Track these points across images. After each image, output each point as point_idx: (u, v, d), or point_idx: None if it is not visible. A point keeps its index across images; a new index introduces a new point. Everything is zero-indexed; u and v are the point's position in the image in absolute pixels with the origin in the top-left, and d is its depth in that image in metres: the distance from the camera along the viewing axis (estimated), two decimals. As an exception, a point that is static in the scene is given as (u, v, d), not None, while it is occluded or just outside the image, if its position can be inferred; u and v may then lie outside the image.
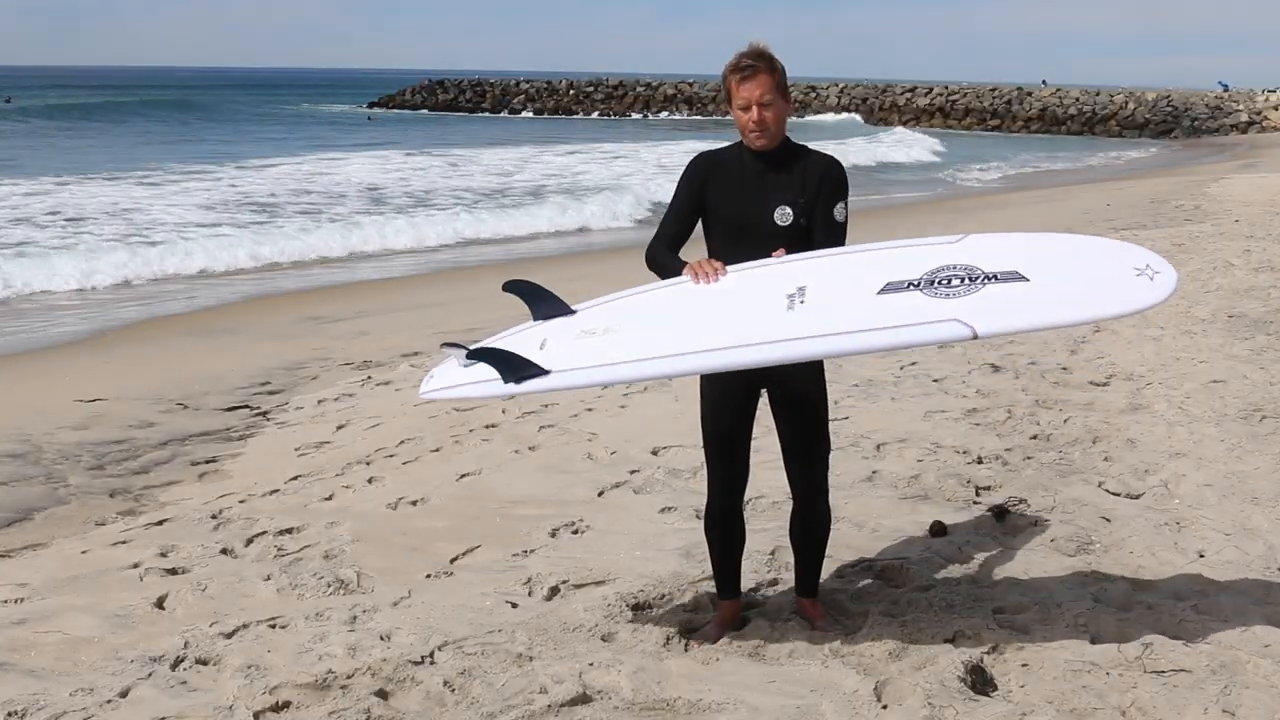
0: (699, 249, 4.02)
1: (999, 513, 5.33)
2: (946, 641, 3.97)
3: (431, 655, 3.98)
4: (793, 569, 4.32)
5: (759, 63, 3.83)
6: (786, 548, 4.44)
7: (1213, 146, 50.05)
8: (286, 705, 3.69)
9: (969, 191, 29.49)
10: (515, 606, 4.44)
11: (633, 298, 4.02)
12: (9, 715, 3.63)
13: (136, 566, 5.00)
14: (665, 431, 6.69)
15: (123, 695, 3.77)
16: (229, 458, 7.24)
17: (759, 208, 3.89)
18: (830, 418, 4.18)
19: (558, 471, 6.16)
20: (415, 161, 33.87)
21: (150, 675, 3.90)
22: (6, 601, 4.64)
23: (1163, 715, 3.51)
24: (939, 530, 5.10)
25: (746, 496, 4.44)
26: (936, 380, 7.82)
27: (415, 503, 5.76)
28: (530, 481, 6.01)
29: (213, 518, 5.69)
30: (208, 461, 7.15)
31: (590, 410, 7.37)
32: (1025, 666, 3.81)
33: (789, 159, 3.93)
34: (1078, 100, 67.14)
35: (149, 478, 6.84)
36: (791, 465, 4.11)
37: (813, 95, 77.21)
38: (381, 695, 3.75)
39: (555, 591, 4.59)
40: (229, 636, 4.20)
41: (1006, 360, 8.31)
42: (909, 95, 73.35)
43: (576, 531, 5.27)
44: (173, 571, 4.94)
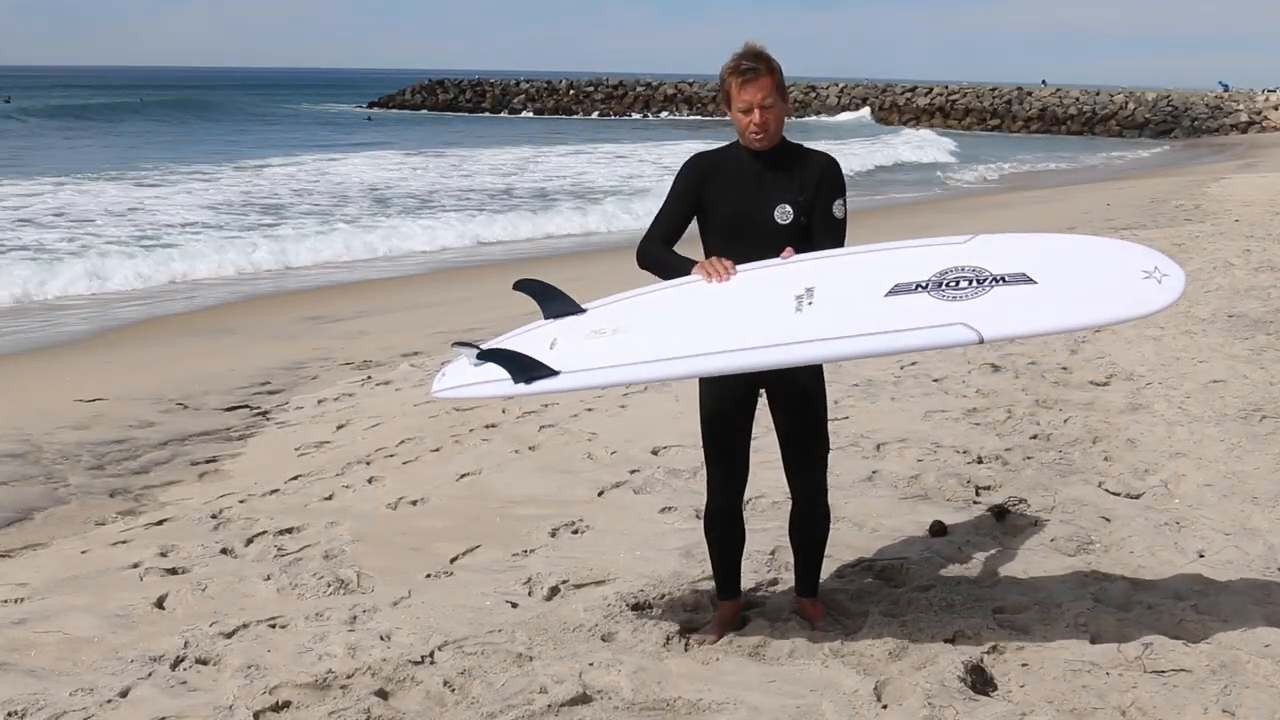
0: (693, 248, 4.01)
1: (999, 513, 5.33)
2: (946, 641, 3.97)
3: (431, 655, 3.98)
4: (792, 569, 4.32)
5: (759, 65, 3.83)
6: (786, 548, 4.44)
7: (1213, 146, 50.04)
8: (286, 705, 3.69)
9: (969, 191, 29.50)
10: (515, 606, 4.44)
11: (642, 297, 4.02)
12: (9, 715, 3.63)
13: (136, 566, 5.00)
14: (665, 431, 6.69)
15: (123, 695, 3.77)
16: (229, 458, 7.24)
17: (759, 207, 3.89)
18: (830, 417, 4.18)
19: (558, 471, 6.16)
20: (417, 162, 33.81)
21: (150, 675, 3.90)
22: (6, 601, 4.64)
23: (1163, 715, 3.51)
24: (939, 530, 5.10)
25: (746, 496, 4.44)
26: (936, 380, 7.82)
27: (415, 503, 5.76)
28: (530, 481, 6.01)
29: (213, 518, 5.69)
30: (208, 461, 7.15)
31: (590, 410, 7.37)
32: (1025, 666, 3.81)
33: (786, 158, 3.93)
34: (1078, 100, 67.15)
35: (149, 478, 6.84)
36: (790, 465, 4.11)
37: (813, 95, 77.22)
38: (381, 695, 3.75)
39: (555, 591, 4.59)
40: (229, 636, 4.20)
41: (1006, 360, 8.31)
42: (909, 95, 73.35)
43: (576, 531, 5.27)
44: (173, 571, 4.94)
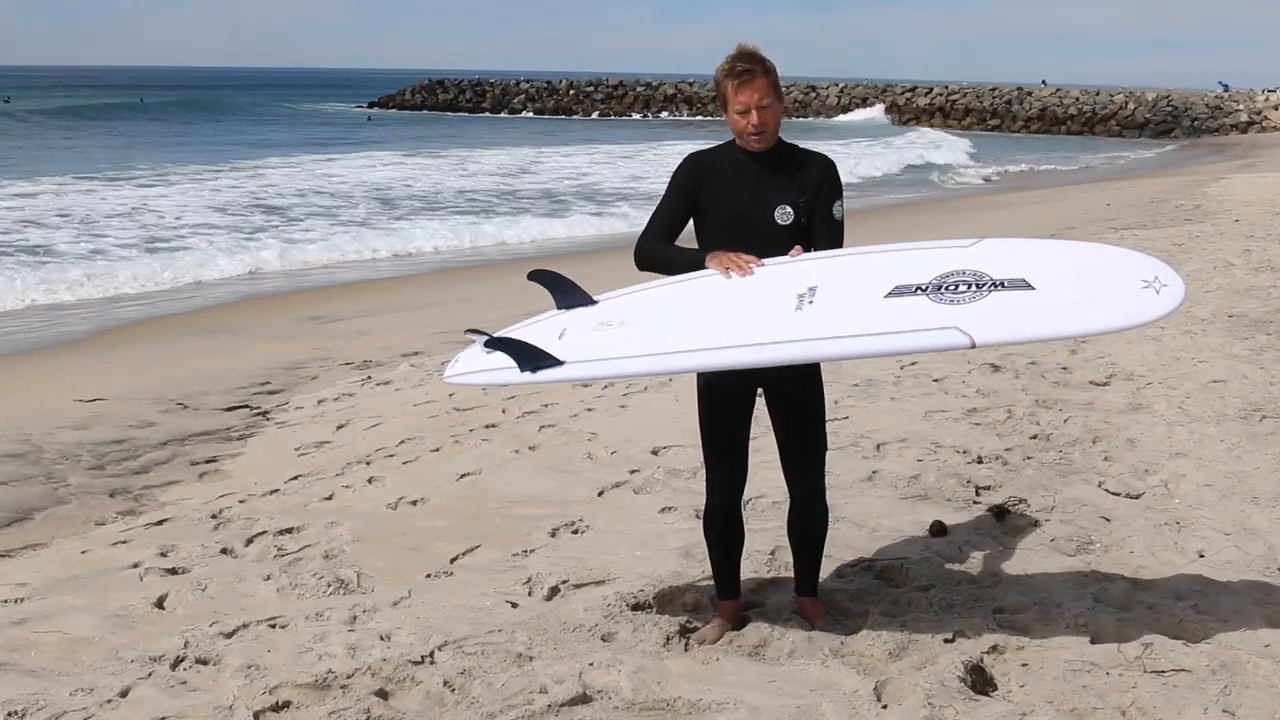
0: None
1: (999, 513, 5.33)
2: (946, 641, 3.97)
3: (431, 655, 3.98)
4: (792, 569, 4.32)
5: (754, 66, 3.83)
6: (786, 548, 4.44)
7: (1213, 146, 50.03)
8: (286, 705, 3.69)
9: (969, 192, 29.49)
10: (515, 606, 4.44)
11: (651, 291, 4.04)
12: (9, 715, 3.63)
13: (136, 566, 5.00)
14: (665, 431, 6.69)
15: (123, 695, 3.77)
16: (229, 458, 7.24)
17: (758, 207, 3.89)
18: (830, 418, 4.18)
19: (558, 471, 6.16)
20: (419, 162, 33.81)
21: (150, 675, 3.90)
22: (6, 601, 4.64)
23: (1163, 715, 3.51)
24: (939, 530, 5.10)
25: (746, 496, 4.44)
26: (936, 380, 7.82)
27: (415, 503, 5.76)
28: (530, 481, 6.00)
29: (213, 518, 5.69)
30: (208, 461, 7.15)
31: (590, 410, 7.37)
32: (1025, 666, 3.81)
33: (784, 159, 3.93)
34: (1078, 100, 67.15)
35: (149, 478, 6.84)
36: (789, 465, 4.11)
37: (813, 95, 77.21)
38: (381, 695, 3.75)
39: (555, 591, 4.59)
40: (229, 636, 4.20)
41: (1006, 360, 8.31)
42: (909, 95, 73.35)
43: (576, 531, 5.27)
44: (173, 571, 4.94)
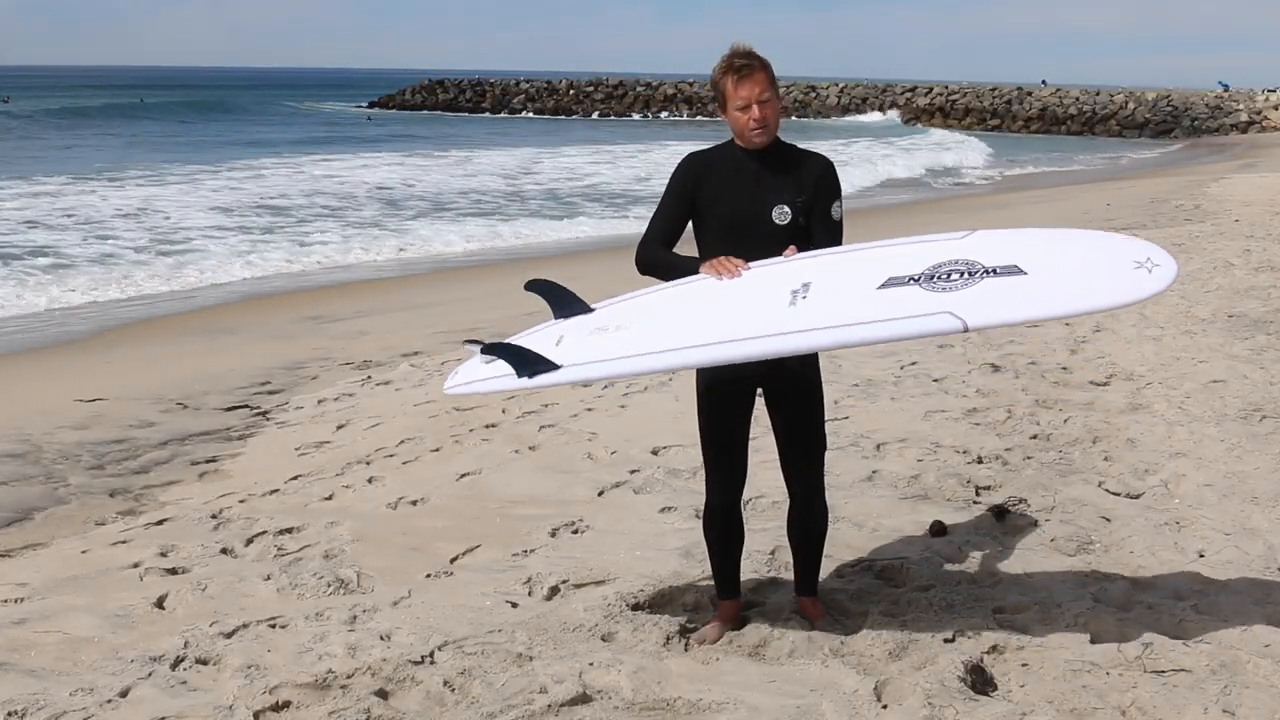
0: (689, 250, 4.02)
1: (999, 513, 5.33)
2: (946, 641, 3.97)
3: (431, 655, 3.98)
4: (792, 569, 4.32)
5: (752, 61, 3.84)
6: (786, 547, 4.44)
7: (1213, 146, 50.02)
8: (286, 705, 3.69)
9: (968, 192, 29.48)
10: (515, 606, 4.44)
11: (647, 297, 4.05)
12: (9, 715, 3.63)
13: (136, 566, 5.00)
14: (665, 431, 6.69)
15: (123, 695, 3.76)
16: (229, 458, 7.24)
17: (756, 207, 3.89)
18: (830, 418, 4.18)
19: (558, 471, 6.16)
20: (420, 163, 33.78)
21: (150, 675, 3.90)
22: (6, 601, 4.64)
23: (1163, 715, 3.51)
24: (939, 530, 5.10)
25: (746, 496, 4.44)
26: (936, 380, 7.82)
27: (415, 503, 5.76)
28: (530, 481, 6.00)
29: (213, 517, 5.69)
30: (208, 461, 7.15)
31: (590, 410, 7.37)
32: (1025, 666, 3.81)
33: (782, 158, 3.93)
34: (1078, 100, 67.15)
35: (149, 478, 6.84)
36: (788, 464, 4.11)
37: (813, 95, 77.23)
38: (381, 695, 3.75)
39: (555, 591, 4.59)
40: (229, 636, 4.20)
41: (1006, 360, 8.31)
42: (909, 95, 73.38)
43: (576, 531, 5.27)
44: (173, 571, 4.94)
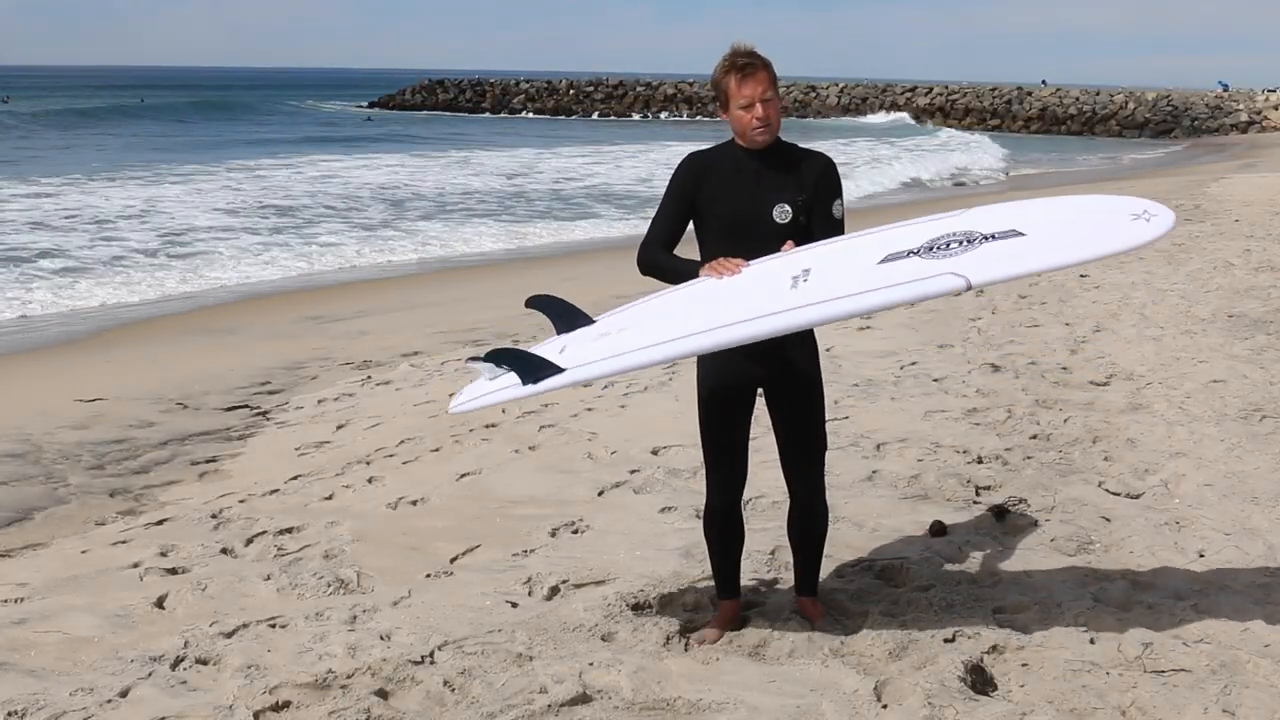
0: (691, 249, 4.02)
1: (999, 513, 5.33)
2: (946, 641, 3.97)
3: (431, 655, 3.98)
4: (792, 569, 4.32)
5: (754, 60, 3.85)
6: (786, 547, 4.44)
7: (1213, 146, 50.02)
8: (286, 705, 3.69)
9: (967, 193, 29.48)
10: (515, 606, 4.44)
11: (649, 302, 4.05)
12: (9, 715, 3.63)
13: (136, 566, 5.00)
14: (665, 431, 6.69)
15: (123, 695, 3.76)
16: (229, 458, 7.24)
17: (757, 206, 3.89)
18: (830, 418, 4.18)
19: (558, 471, 6.16)
20: (422, 163, 33.74)
21: (150, 675, 3.89)
22: (6, 601, 4.64)
23: (1163, 715, 3.51)
24: (939, 530, 5.10)
25: (746, 496, 4.44)
26: (936, 380, 7.82)
27: (415, 503, 5.76)
28: (530, 481, 6.00)
29: (213, 517, 5.69)
30: (208, 461, 7.15)
31: (590, 410, 7.37)
32: (1025, 666, 3.81)
33: (782, 157, 3.93)
34: (1078, 100, 67.14)
35: (149, 478, 6.84)
36: (788, 464, 4.11)
37: (813, 95, 77.22)
38: (381, 695, 3.75)
39: (555, 591, 4.59)
40: (229, 636, 4.20)
41: (1006, 360, 8.31)
42: (909, 95, 73.38)
43: (576, 531, 5.27)
44: (173, 571, 4.94)
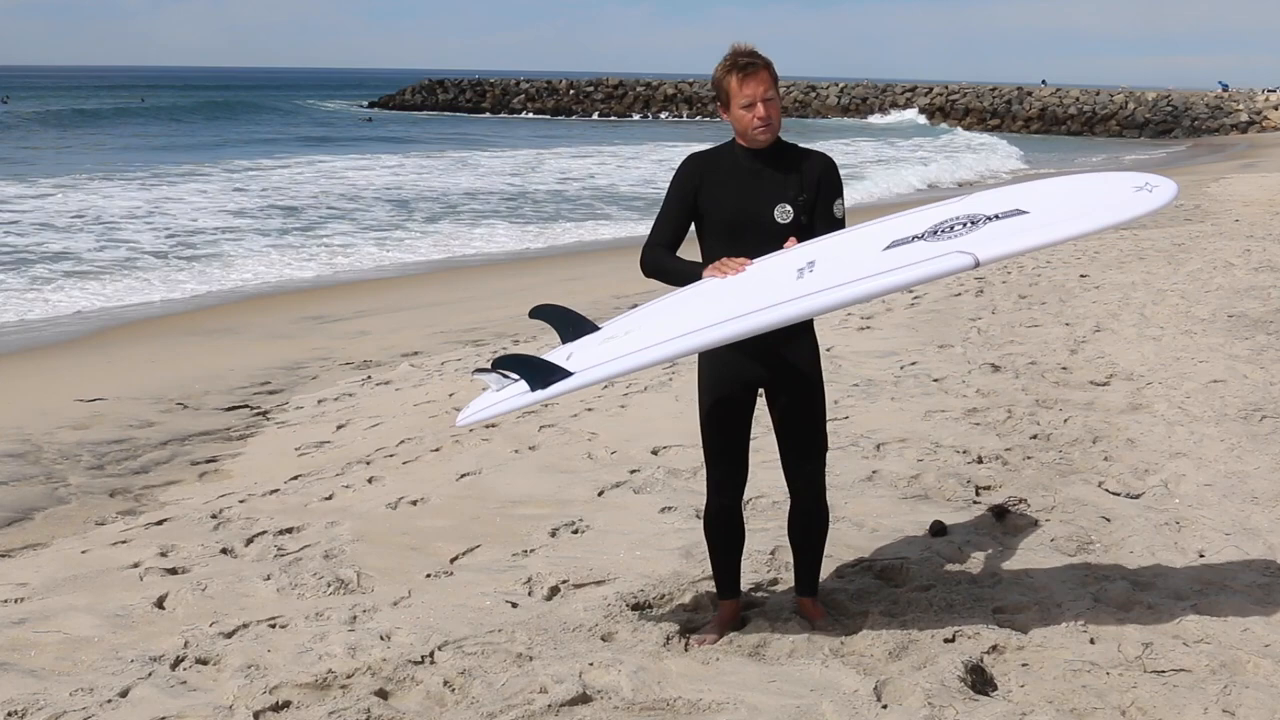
0: (691, 250, 4.02)
1: (999, 513, 5.33)
2: (946, 641, 3.97)
3: (431, 655, 3.98)
4: (792, 569, 4.32)
5: (756, 59, 3.85)
6: (786, 548, 4.44)
7: (1213, 146, 50.02)
8: (286, 705, 3.69)
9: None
10: (515, 606, 4.44)
11: (653, 305, 4.06)
12: (9, 715, 3.63)
13: (136, 566, 5.00)
14: (665, 431, 6.69)
15: (123, 695, 3.76)
16: (229, 458, 7.24)
17: (758, 206, 3.89)
18: (830, 417, 4.18)
19: (558, 471, 6.16)
20: (423, 163, 33.79)
21: (150, 675, 3.89)
22: (6, 601, 4.64)
23: (1163, 715, 3.51)
24: (939, 530, 5.10)
25: (746, 496, 4.44)
26: (936, 380, 7.82)
27: (415, 503, 5.76)
28: (530, 481, 6.00)
29: (213, 517, 5.69)
30: (208, 461, 7.16)
31: (590, 410, 7.37)
32: (1025, 666, 3.81)
33: (783, 157, 3.93)
34: (1078, 100, 67.13)
35: (149, 478, 6.84)
36: (789, 464, 4.10)
37: (813, 95, 77.22)
38: (381, 695, 3.75)
39: (555, 591, 4.59)
40: (229, 636, 4.20)
41: (1006, 360, 8.31)
42: (909, 95, 73.40)
43: (576, 531, 5.27)
44: (173, 571, 4.94)
